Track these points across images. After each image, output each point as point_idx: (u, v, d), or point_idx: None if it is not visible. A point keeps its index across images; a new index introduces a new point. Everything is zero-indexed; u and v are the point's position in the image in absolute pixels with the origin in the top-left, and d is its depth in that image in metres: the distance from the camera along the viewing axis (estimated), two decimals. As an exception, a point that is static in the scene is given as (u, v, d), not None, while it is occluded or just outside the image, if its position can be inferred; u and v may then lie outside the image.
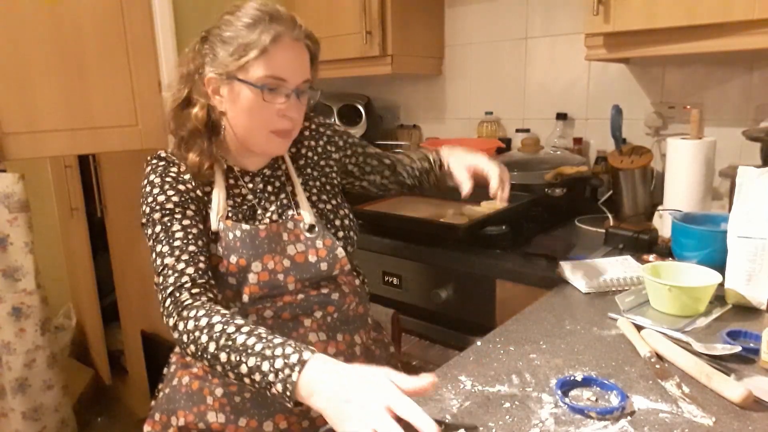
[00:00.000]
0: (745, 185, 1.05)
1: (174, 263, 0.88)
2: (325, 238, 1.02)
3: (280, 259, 0.97)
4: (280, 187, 1.06)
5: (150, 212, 0.94)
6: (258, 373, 0.73)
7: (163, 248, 0.90)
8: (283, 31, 0.92)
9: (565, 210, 1.68)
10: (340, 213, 1.10)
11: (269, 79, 0.92)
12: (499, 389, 0.78)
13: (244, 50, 0.90)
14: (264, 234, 0.97)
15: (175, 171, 0.98)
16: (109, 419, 2.59)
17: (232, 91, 0.94)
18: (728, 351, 0.83)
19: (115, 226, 2.53)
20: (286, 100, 0.94)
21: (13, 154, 1.67)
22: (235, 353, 0.76)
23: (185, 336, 0.82)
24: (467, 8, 2.12)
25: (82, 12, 1.73)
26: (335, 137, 1.18)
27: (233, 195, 1.01)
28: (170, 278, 0.87)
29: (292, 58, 0.94)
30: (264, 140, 0.97)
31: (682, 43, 1.33)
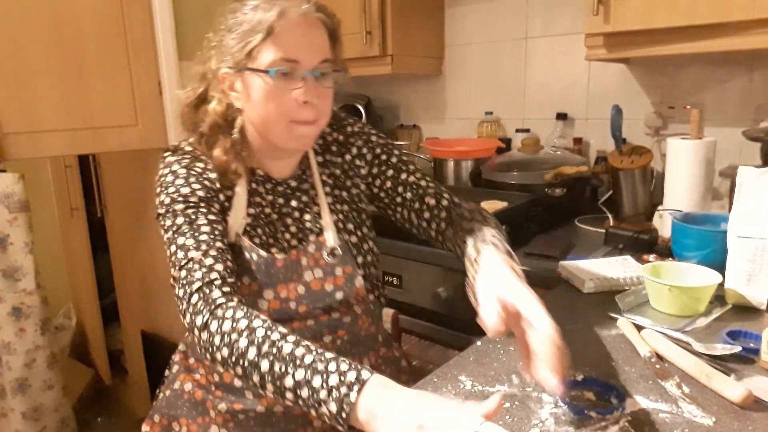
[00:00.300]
0: (745, 185, 1.05)
1: (201, 257, 0.80)
2: (345, 265, 0.93)
3: (294, 287, 0.90)
4: (305, 205, 0.96)
5: (171, 203, 0.85)
6: (306, 388, 0.65)
7: (187, 241, 0.82)
8: (288, 5, 0.82)
9: (565, 210, 1.68)
10: (364, 247, 0.99)
11: (280, 61, 0.82)
12: (499, 389, 0.78)
13: (249, 35, 0.82)
14: (281, 264, 0.89)
15: (201, 167, 0.90)
16: (109, 419, 2.59)
17: (246, 84, 0.86)
18: (728, 351, 0.83)
19: (115, 226, 2.53)
20: (302, 84, 0.84)
21: (13, 154, 1.67)
22: (280, 362, 0.68)
23: (218, 338, 0.73)
24: (467, 8, 2.12)
25: (82, 12, 1.73)
26: (364, 149, 1.02)
27: (254, 203, 0.92)
28: (197, 272, 0.78)
29: (303, 34, 0.84)
30: (285, 132, 0.87)
31: (682, 43, 1.33)
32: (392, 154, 1.03)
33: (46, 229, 2.80)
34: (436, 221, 0.99)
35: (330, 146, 1.02)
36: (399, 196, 1.01)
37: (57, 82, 1.71)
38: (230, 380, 0.92)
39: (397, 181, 1.01)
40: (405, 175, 1.01)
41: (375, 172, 1.02)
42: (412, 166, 1.03)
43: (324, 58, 0.86)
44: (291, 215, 0.95)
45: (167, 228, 0.85)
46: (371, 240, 1.01)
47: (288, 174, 0.97)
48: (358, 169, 1.02)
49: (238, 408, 0.90)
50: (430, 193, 1.00)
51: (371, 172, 1.02)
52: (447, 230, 0.98)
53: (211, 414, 0.93)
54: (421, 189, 1.00)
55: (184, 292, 0.79)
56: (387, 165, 1.02)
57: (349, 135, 1.03)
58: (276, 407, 0.90)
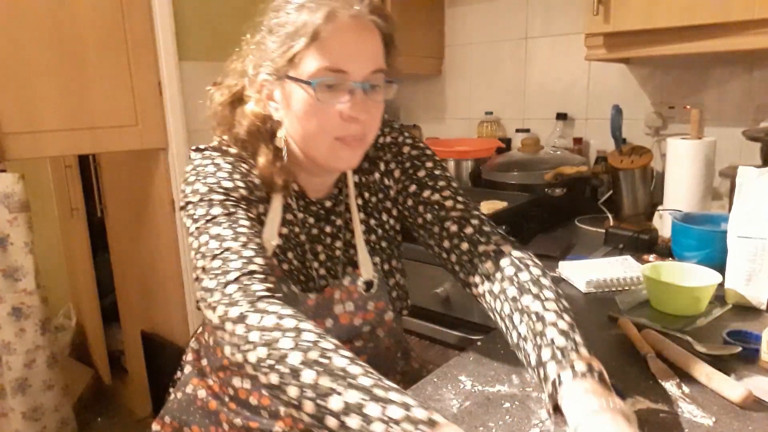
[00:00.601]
0: (745, 185, 1.05)
1: (239, 249, 0.69)
2: (378, 300, 0.86)
3: (322, 321, 0.83)
4: (338, 230, 0.88)
5: (208, 192, 0.74)
6: (357, 416, 0.53)
7: (224, 231, 0.71)
8: (337, 6, 0.72)
9: (565, 210, 1.68)
10: (390, 282, 0.91)
11: (325, 71, 0.72)
12: (499, 389, 0.78)
13: (292, 38, 0.72)
14: (312, 302, 0.83)
15: (246, 168, 0.80)
16: (109, 419, 2.59)
17: (285, 94, 0.76)
18: (728, 351, 0.83)
19: (115, 226, 2.53)
20: (349, 97, 0.74)
21: (13, 154, 1.67)
22: (328, 377, 0.56)
23: (256, 334, 0.61)
24: (467, 8, 2.12)
25: (82, 12, 1.73)
26: (392, 164, 0.90)
27: (287, 221, 0.84)
28: (234, 262, 0.67)
29: (353, 41, 0.73)
30: (328, 150, 0.77)
31: (682, 43, 1.33)
32: (422, 167, 0.89)
33: (46, 229, 2.80)
34: (456, 253, 0.83)
35: (361, 163, 0.88)
36: (420, 216, 0.87)
37: (57, 82, 1.70)
38: (246, 397, 0.87)
39: (419, 199, 0.87)
40: (429, 192, 0.87)
41: (400, 188, 0.90)
42: (442, 182, 0.88)
43: (376, 68, 0.75)
44: (322, 241, 0.87)
45: (198, 217, 0.73)
46: (399, 273, 0.92)
47: (323, 193, 0.88)
48: (388, 189, 0.91)
49: (254, 426, 0.85)
50: (453, 216, 0.84)
51: (398, 189, 0.90)
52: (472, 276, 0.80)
53: (224, 426, 0.89)
54: (444, 210, 0.85)
55: (216, 283, 0.67)
56: (411, 180, 0.89)
57: (380, 148, 0.91)
58: (293, 430, 0.84)
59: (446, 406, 0.75)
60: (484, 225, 0.84)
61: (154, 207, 2.13)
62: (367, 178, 0.91)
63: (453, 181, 0.90)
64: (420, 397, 0.77)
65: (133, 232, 2.34)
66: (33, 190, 2.12)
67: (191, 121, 1.98)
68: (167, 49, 1.89)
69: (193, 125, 1.98)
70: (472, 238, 0.82)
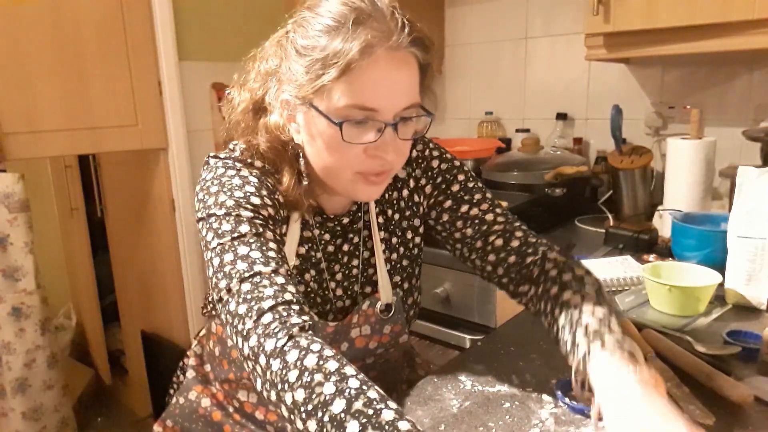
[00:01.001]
0: (745, 185, 1.05)
1: (271, 274, 0.64)
2: (395, 323, 0.84)
3: (338, 346, 0.81)
4: (356, 248, 0.85)
5: (235, 206, 0.68)
6: None
7: (252, 252, 0.65)
8: (375, 38, 0.64)
9: (565, 210, 1.68)
10: (409, 301, 0.88)
11: (353, 110, 0.66)
12: (499, 389, 0.78)
13: (321, 67, 0.65)
14: (331, 330, 0.80)
15: (272, 183, 0.74)
16: (109, 419, 2.59)
17: (308, 122, 0.70)
18: (728, 351, 0.83)
19: (115, 226, 2.53)
20: (377, 136, 0.67)
21: (13, 154, 1.67)
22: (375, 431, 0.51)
23: (295, 373, 0.56)
24: (467, 8, 2.12)
25: (82, 12, 1.73)
26: (423, 180, 0.87)
27: (304, 239, 0.80)
28: (267, 289, 0.63)
29: (388, 78, 0.66)
30: (348, 184, 0.72)
31: (682, 43, 1.33)
32: (454, 181, 0.86)
33: (46, 229, 2.80)
34: (503, 267, 0.83)
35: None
36: (458, 231, 0.85)
37: (57, 82, 1.71)
38: (251, 411, 0.85)
39: (456, 215, 0.85)
40: (466, 207, 0.85)
41: (432, 202, 0.87)
42: (478, 195, 0.86)
43: (409, 104, 0.69)
44: (339, 260, 0.84)
45: (223, 233, 0.67)
46: (417, 291, 0.89)
47: (341, 210, 0.83)
48: (418, 206, 0.87)
49: None
50: (496, 230, 0.83)
51: (431, 205, 0.87)
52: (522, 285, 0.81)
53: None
54: (485, 224, 0.84)
55: (248, 308, 0.62)
56: (446, 195, 0.86)
57: (408, 163, 0.86)
58: None
59: (446, 406, 0.75)
60: (529, 236, 0.84)
61: (154, 207, 2.13)
62: (392, 195, 0.87)
63: (487, 191, 0.88)
64: (420, 397, 0.78)
65: (133, 232, 2.34)
66: (33, 190, 2.12)
67: (191, 121, 1.97)
68: (167, 49, 1.89)
69: (193, 125, 1.98)
70: (520, 250, 0.82)
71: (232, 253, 0.66)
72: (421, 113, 0.71)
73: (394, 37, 0.66)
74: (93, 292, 2.65)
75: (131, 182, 2.27)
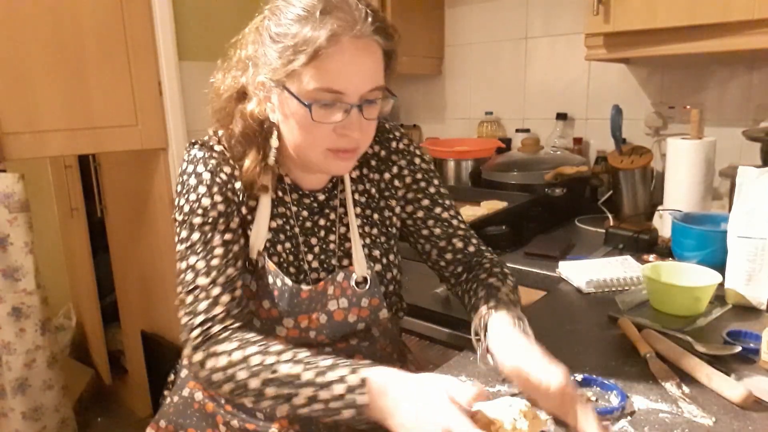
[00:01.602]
0: (745, 185, 1.05)
1: (208, 286, 0.77)
2: (372, 297, 0.88)
3: (317, 317, 0.86)
4: (332, 224, 0.90)
5: (189, 213, 0.80)
6: (318, 403, 0.66)
7: (198, 263, 0.78)
8: (340, 27, 0.71)
9: (565, 210, 1.68)
10: (388, 276, 0.92)
11: (321, 92, 0.73)
12: (499, 389, 0.78)
13: (292, 53, 0.72)
14: (306, 295, 0.85)
15: (228, 173, 0.83)
16: (109, 419, 2.59)
17: (282, 103, 0.77)
18: (728, 351, 0.83)
19: (115, 226, 2.53)
20: (343, 116, 0.75)
21: (13, 154, 1.67)
22: (283, 387, 0.68)
23: (218, 374, 0.72)
24: (467, 8, 2.12)
25: (82, 12, 1.73)
26: (406, 171, 0.95)
27: (278, 214, 0.87)
28: (202, 304, 0.77)
29: (352, 63, 0.73)
30: (320, 159, 0.79)
31: (682, 43, 1.33)
32: (432, 183, 0.97)
33: (46, 229, 2.80)
34: (455, 264, 0.97)
35: (369, 161, 0.94)
36: (427, 228, 0.96)
37: (57, 82, 1.71)
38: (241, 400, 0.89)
39: (430, 214, 0.96)
40: (439, 209, 0.96)
41: (410, 197, 0.96)
42: (448, 201, 0.98)
43: (373, 87, 0.76)
44: (316, 234, 0.89)
45: (181, 240, 0.81)
46: (396, 268, 0.95)
47: (317, 187, 0.90)
48: (396, 190, 0.95)
49: (251, 428, 0.87)
50: (459, 235, 0.97)
51: (406, 196, 0.96)
52: (462, 276, 0.95)
53: (221, 429, 0.89)
54: (451, 228, 0.97)
55: (187, 320, 0.77)
56: (424, 194, 0.96)
57: (393, 152, 0.95)
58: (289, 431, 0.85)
59: (446, 406, 0.74)
60: (481, 245, 0.99)
61: (154, 207, 2.13)
62: (374, 175, 0.94)
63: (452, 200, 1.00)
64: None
65: (133, 232, 2.34)
66: (33, 190, 2.12)
67: (191, 121, 1.98)
68: (167, 49, 1.89)
69: (193, 125, 1.98)
70: (473, 253, 0.97)
71: (186, 262, 0.79)
72: (386, 95, 0.79)
73: (358, 26, 0.72)
74: (93, 292, 2.65)
75: (131, 182, 2.27)
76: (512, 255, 1.39)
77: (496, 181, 1.79)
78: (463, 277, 0.95)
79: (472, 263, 0.96)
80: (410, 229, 0.98)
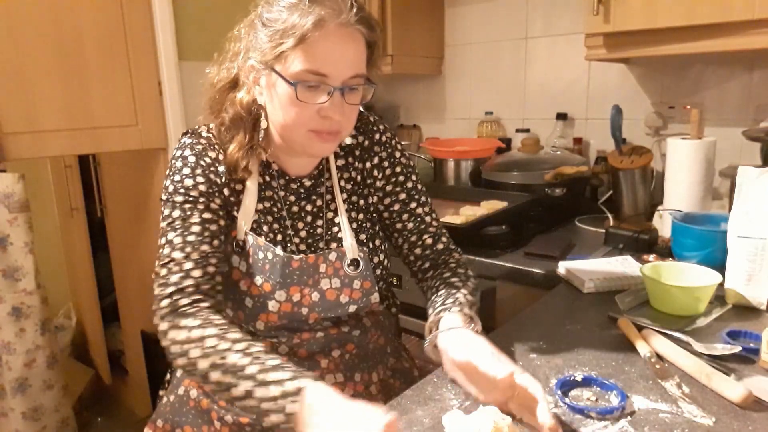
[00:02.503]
0: (745, 185, 1.05)
1: (182, 260, 0.80)
2: (365, 279, 0.91)
3: (309, 292, 0.88)
4: (319, 210, 0.94)
5: (173, 192, 0.85)
6: (252, 399, 0.67)
7: (175, 238, 0.82)
8: (327, 14, 0.76)
9: (565, 210, 1.68)
10: (374, 260, 0.95)
11: (307, 74, 0.78)
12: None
13: (281, 37, 0.77)
14: (297, 265, 0.87)
15: (212, 157, 0.88)
16: (109, 419, 2.59)
17: (270, 84, 0.82)
18: (728, 351, 0.83)
19: (115, 226, 2.53)
20: (327, 98, 0.80)
21: (13, 154, 1.67)
22: (228, 374, 0.69)
23: (176, 347, 0.75)
24: (467, 8, 2.12)
25: (82, 12, 1.73)
26: (386, 162, 0.99)
27: (265, 198, 0.91)
28: (174, 276, 0.79)
29: (337, 48, 0.79)
30: (303, 140, 0.84)
31: (682, 43, 1.33)
32: (410, 178, 1.01)
33: (46, 229, 2.80)
34: (422, 260, 1.01)
35: (354, 150, 0.98)
36: (401, 222, 1.00)
37: (57, 82, 1.71)
38: None
39: (406, 208, 1.00)
40: (414, 204, 1.00)
41: (388, 189, 1.00)
42: (424, 197, 1.02)
43: (355, 73, 0.81)
44: (303, 219, 0.93)
45: (164, 217, 0.85)
46: (382, 253, 0.98)
47: (304, 173, 0.94)
48: (375, 180, 0.99)
49: (244, 421, 0.88)
50: (431, 231, 1.01)
51: (384, 188, 1.00)
52: (428, 272, 1.00)
53: (216, 425, 0.90)
54: (424, 224, 1.01)
55: (158, 292, 0.80)
56: (402, 187, 1.00)
57: (375, 143, 0.99)
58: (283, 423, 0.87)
59: (446, 406, 0.75)
60: (450, 244, 1.03)
61: (154, 207, 2.13)
62: (358, 164, 0.98)
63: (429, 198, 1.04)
64: (420, 396, 0.78)
65: (133, 232, 2.34)
66: (33, 190, 2.13)
67: (191, 121, 1.98)
68: (167, 49, 1.89)
69: (193, 125, 1.97)
70: (441, 250, 1.01)
71: (165, 238, 0.83)
72: (366, 83, 0.84)
73: (344, 15, 0.78)
74: (93, 292, 2.65)
75: (131, 182, 2.27)
76: (512, 255, 1.39)
77: (496, 181, 1.79)
78: (429, 273, 0.99)
79: (438, 261, 1.00)
80: (386, 221, 1.01)
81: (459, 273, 0.96)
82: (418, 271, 1.02)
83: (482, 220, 1.49)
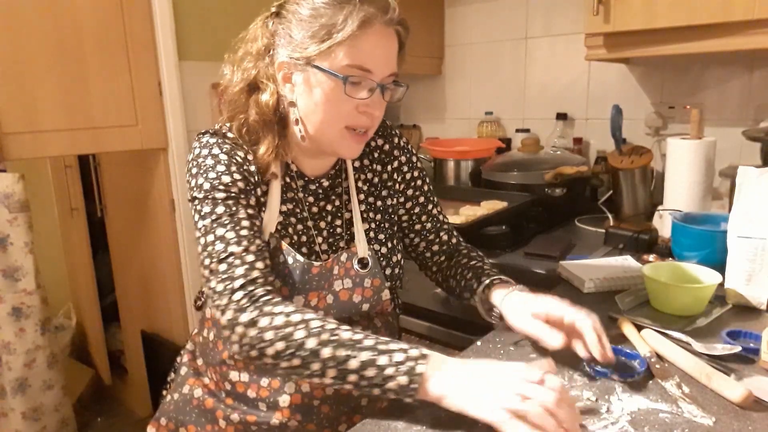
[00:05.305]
0: (745, 185, 1.05)
1: (242, 253, 0.78)
2: (374, 277, 0.92)
3: (324, 296, 0.89)
4: (338, 210, 0.95)
5: (211, 189, 0.81)
6: (372, 367, 0.69)
7: (227, 233, 0.79)
8: (374, 13, 0.79)
9: (565, 210, 1.68)
10: (393, 260, 0.96)
11: (353, 69, 0.80)
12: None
13: (328, 33, 0.78)
14: (316, 271, 0.88)
15: (242, 156, 0.86)
16: (109, 419, 2.59)
17: (308, 80, 0.82)
18: (728, 351, 0.83)
19: (115, 226, 2.53)
20: (369, 95, 0.82)
21: (13, 154, 1.67)
22: (342, 348, 0.70)
23: (270, 333, 0.72)
24: (467, 8, 2.12)
25: (82, 12, 1.73)
26: (405, 167, 1.02)
27: (287, 200, 0.90)
28: (239, 269, 0.77)
29: (381, 45, 0.81)
30: (337, 137, 0.84)
31: (682, 43, 1.33)
32: (425, 181, 1.05)
33: (46, 229, 2.80)
34: (439, 255, 1.08)
35: (373, 152, 1.00)
36: (420, 223, 1.05)
37: (57, 82, 1.71)
38: (243, 390, 0.88)
39: (425, 210, 1.05)
40: (431, 206, 1.06)
41: (409, 193, 1.03)
42: (435, 198, 1.08)
43: (392, 72, 0.84)
44: (324, 218, 0.93)
45: (205, 215, 0.81)
46: (400, 253, 0.99)
47: (321, 173, 0.94)
48: (395, 183, 1.01)
49: (251, 420, 0.87)
50: (445, 228, 1.08)
51: (405, 191, 1.03)
52: (444, 263, 1.07)
53: (221, 424, 0.90)
54: (439, 223, 1.07)
55: (224, 287, 0.77)
56: (421, 191, 1.05)
57: (396, 147, 1.01)
58: (290, 421, 0.86)
59: (446, 406, 0.74)
60: (459, 237, 1.10)
61: (154, 207, 2.13)
62: (375, 166, 1.00)
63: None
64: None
65: (133, 231, 2.34)
66: (33, 190, 2.12)
67: (191, 121, 1.97)
68: (167, 49, 1.89)
69: (193, 125, 1.98)
70: (457, 244, 1.09)
71: (213, 234, 0.80)
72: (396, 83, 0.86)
73: (389, 14, 0.80)
74: (93, 292, 2.65)
75: (131, 182, 2.27)
76: (512, 255, 1.39)
77: (496, 181, 1.79)
78: (445, 264, 1.06)
79: (453, 252, 1.07)
80: (404, 223, 1.05)
81: (473, 256, 1.03)
82: (432, 264, 1.08)
83: (482, 220, 1.50)
